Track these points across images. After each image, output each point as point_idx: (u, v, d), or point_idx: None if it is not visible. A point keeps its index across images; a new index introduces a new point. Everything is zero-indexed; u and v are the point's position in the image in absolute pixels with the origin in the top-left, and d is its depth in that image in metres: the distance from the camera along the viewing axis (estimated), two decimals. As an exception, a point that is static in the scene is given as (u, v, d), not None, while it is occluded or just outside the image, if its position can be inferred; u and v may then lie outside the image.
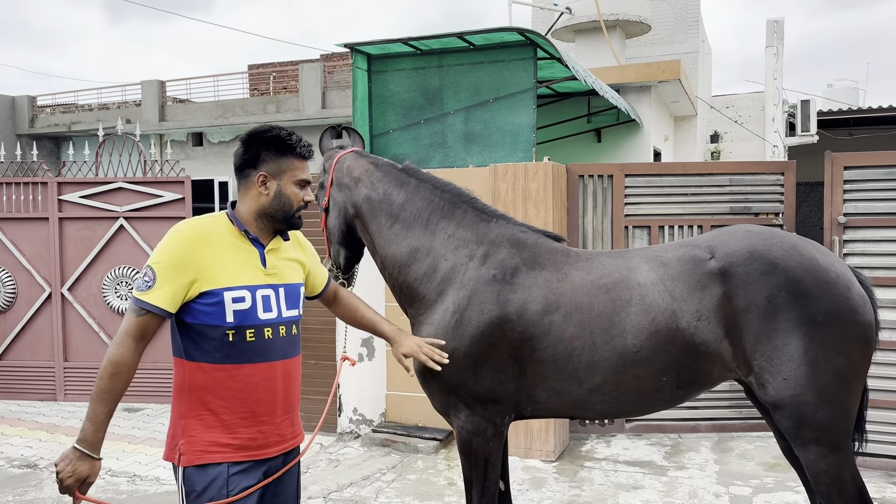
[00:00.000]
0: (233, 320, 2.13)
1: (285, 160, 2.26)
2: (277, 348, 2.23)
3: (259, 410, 2.20)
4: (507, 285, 2.74)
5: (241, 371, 2.16)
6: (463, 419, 2.76)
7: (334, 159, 3.08)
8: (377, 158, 3.08)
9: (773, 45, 13.43)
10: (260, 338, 2.18)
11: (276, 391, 2.23)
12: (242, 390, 2.16)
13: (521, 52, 5.72)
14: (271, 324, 2.21)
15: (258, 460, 2.21)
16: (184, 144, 20.05)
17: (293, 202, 2.27)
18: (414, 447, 5.33)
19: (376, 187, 2.93)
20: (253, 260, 2.23)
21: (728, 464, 5.02)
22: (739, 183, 5.62)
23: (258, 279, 2.21)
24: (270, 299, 2.22)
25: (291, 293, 2.31)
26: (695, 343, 2.62)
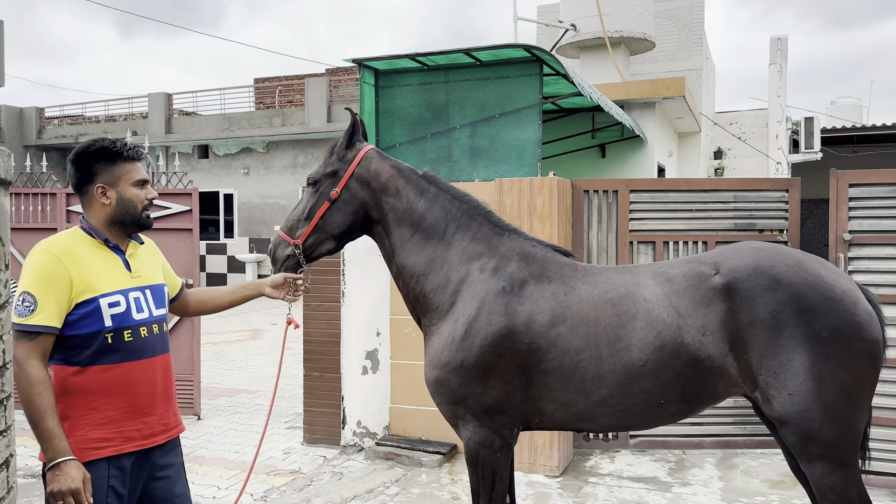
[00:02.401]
0: (111, 324, 2.30)
1: (117, 167, 2.40)
2: (153, 345, 2.42)
3: (141, 404, 2.37)
4: (515, 297, 2.77)
5: (122, 369, 2.32)
6: (471, 430, 2.78)
7: (360, 152, 3.00)
8: (398, 163, 3.07)
9: (777, 62, 13.52)
10: (137, 337, 2.36)
11: (155, 384, 2.42)
12: (125, 387, 2.33)
13: (526, 69, 5.78)
14: (145, 323, 2.39)
15: (147, 449, 2.38)
16: (189, 157, 20.17)
17: (137, 203, 2.42)
18: (418, 461, 5.33)
19: (401, 196, 2.95)
20: (118, 265, 2.39)
21: (732, 480, 5.01)
22: (744, 199, 5.64)
23: (127, 283, 2.38)
24: (141, 300, 2.40)
25: (157, 293, 2.49)
26: (700, 358, 2.64)
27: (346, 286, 5.77)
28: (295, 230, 2.98)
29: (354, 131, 3.01)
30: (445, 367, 2.77)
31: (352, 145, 3.02)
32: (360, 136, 3.05)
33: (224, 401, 7.45)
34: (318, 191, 2.98)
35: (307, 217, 2.97)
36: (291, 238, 2.97)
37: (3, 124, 20.99)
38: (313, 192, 2.99)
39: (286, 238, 2.98)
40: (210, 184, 19.74)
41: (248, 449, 5.80)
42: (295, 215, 3.02)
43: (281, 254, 2.99)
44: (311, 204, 2.98)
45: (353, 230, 3.03)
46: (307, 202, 3.00)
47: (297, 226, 2.98)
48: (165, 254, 7.25)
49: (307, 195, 3.02)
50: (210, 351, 10.36)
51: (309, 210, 2.97)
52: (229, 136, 19.22)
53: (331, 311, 5.85)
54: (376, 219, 3.00)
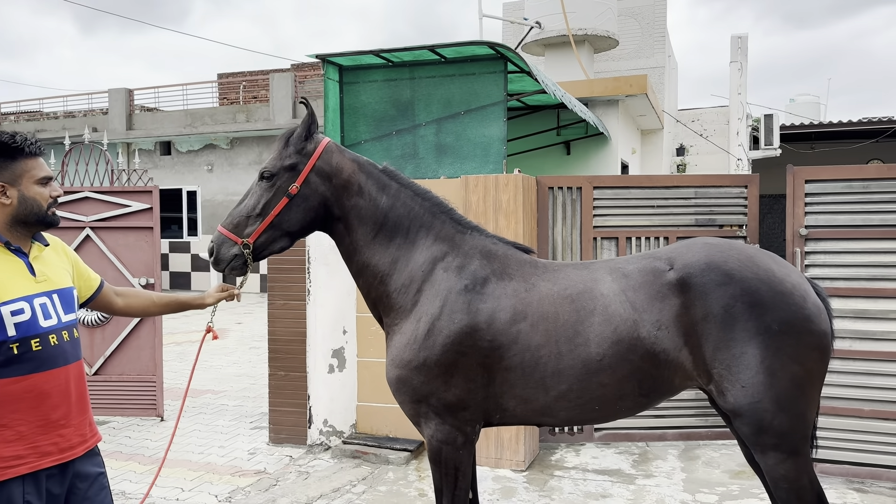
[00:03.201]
0: (15, 333, 2.17)
1: (17, 164, 2.26)
2: (64, 353, 2.30)
3: (55, 416, 2.25)
4: (477, 295, 2.79)
5: (32, 380, 2.19)
6: (433, 428, 2.79)
7: (320, 144, 2.88)
8: (358, 156, 3.00)
9: (738, 60, 13.77)
10: (46, 346, 2.23)
11: (69, 394, 2.30)
12: (35, 399, 2.20)
13: (491, 66, 5.80)
14: (54, 330, 2.26)
15: (65, 463, 2.27)
16: (151, 153, 19.81)
17: (41, 202, 2.29)
18: (385, 458, 5.32)
19: (364, 192, 2.89)
20: (20, 270, 2.26)
21: (694, 472, 5.10)
22: (704, 196, 5.74)
23: (31, 288, 2.25)
24: (48, 306, 2.27)
25: (65, 297, 2.36)
26: (655, 352, 2.69)
27: (312, 284, 5.73)
28: (242, 227, 2.82)
29: (312, 121, 2.89)
30: (408, 366, 2.77)
31: (310, 136, 2.90)
32: (316, 126, 2.95)
33: (188, 402, 7.34)
34: (275, 185, 2.83)
35: (260, 214, 2.82)
36: (238, 236, 2.81)
37: (-45, 120, 20.37)
38: (268, 186, 2.84)
39: (231, 236, 2.82)
40: (173, 181, 19.41)
41: (212, 450, 5.73)
42: (242, 211, 2.85)
43: (226, 253, 2.82)
44: (266, 200, 2.82)
45: (311, 227, 2.94)
46: (260, 197, 2.84)
47: (246, 223, 2.82)
48: (125, 253, 7.08)
49: (260, 190, 2.85)
50: (174, 351, 10.21)
51: (263, 206, 2.82)
52: (192, 133, 18.92)
53: (296, 310, 5.81)
54: (337, 216, 2.93)
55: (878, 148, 15.90)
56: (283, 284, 5.83)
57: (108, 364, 6.62)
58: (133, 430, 6.30)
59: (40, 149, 2.31)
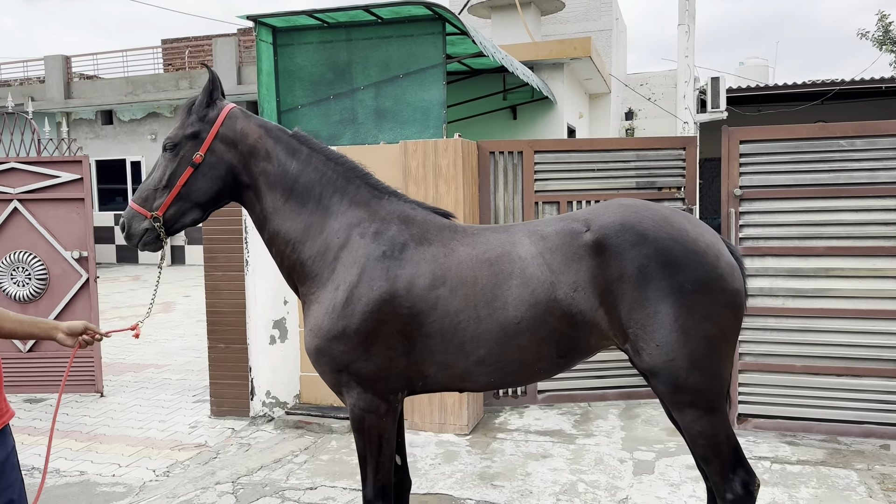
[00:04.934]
0: None
1: None
2: None
3: None
4: (395, 261, 2.74)
5: None
6: (355, 397, 2.75)
7: (223, 110, 2.81)
8: (265, 122, 2.91)
9: (685, 22, 13.76)
10: None
11: None
12: None
13: (429, 27, 5.67)
14: None
15: None
16: (93, 123, 19.13)
17: None
18: (328, 427, 5.29)
19: (272, 158, 2.81)
20: None
21: (633, 430, 5.20)
22: (645, 158, 5.76)
23: None
24: None
25: None
26: (572, 313, 2.68)
27: (250, 255, 5.60)
28: (151, 201, 2.76)
29: (214, 87, 2.81)
30: (326, 336, 2.72)
31: (212, 103, 2.82)
32: (220, 93, 2.86)
33: (129, 376, 7.19)
34: (178, 155, 2.76)
35: (167, 185, 2.75)
36: (147, 210, 2.75)
37: None
38: (172, 157, 2.77)
39: (141, 210, 2.76)
40: (116, 151, 18.81)
41: (152, 425, 5.63)
42: (150, 184, 2.78)
43: (137, 227, 2.77)
44: (171, 170, 2.76)
45: (220, 197, 2.86)
46: (165, 169, 2.77)
47: (154, 196, 2.76)
48: (56, 225, 6.82)
49: (164, 161, 2.79)
50: (118, 325, 9.96)
51: (169, 177, 2.76)
52: (134, 101, 18.30)
53: (235, 281, 5.68)
54: (246, 183, 2.85)
55: (823, 110, 16.20)
56: (220, 255, 5.70)
57: (42, 341, 6.41)
58: (71, 406, 6.15)
59: None
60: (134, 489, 4.37)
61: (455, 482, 4.33)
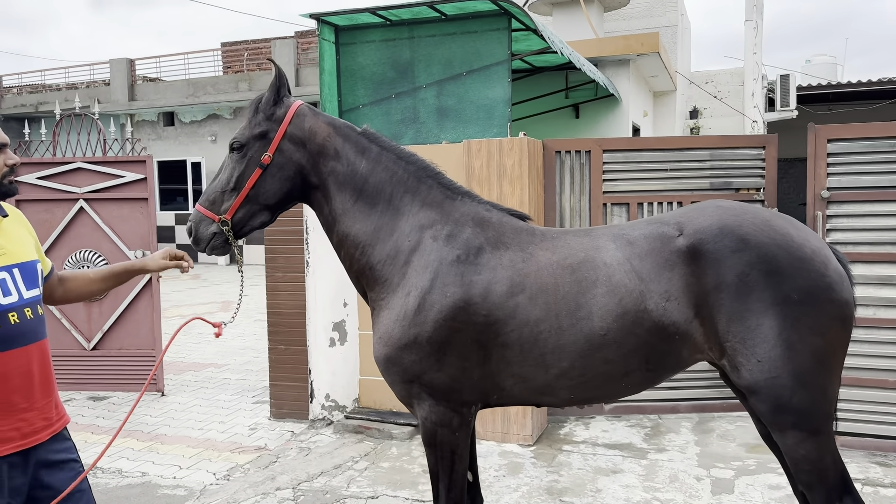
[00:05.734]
0: None
1: None
2: (26, 332, 2.14)
3: (16, 399, 2.11)
4: (471, 266, 2.58)
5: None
6: (427, 409, 2.60)
7: (290, 108, 2.68)
8: (334, 119, 2.78)
9: (753, 18, 13.28)
10: (5, 324, 2.09)
11: (31, 376, 2.16)
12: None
13: (494, 23, 5.49)
14: (14, 308, 2.11)
15: (28, 450, 2.14)
16: (155, 124, 19.59)
17: None
18: (388, 433, 5.17)
19: (341, 157, 2.68)
20: None
21: (709, 445, 4.92)
22: (720, 158, 5.47)
23: None
24: (7, 282, 2.12)
25: (28, 272, 2.20)
26: (663, 325, 2.49)
27: (311, 256, 5.53)
28: (219, 204, 2.66)
29: (281, 84, 2.69)
30: (397, 344, 2.57)
31: (280, 101, 2.69)
32: (287, 90, 2.73)
33: (190, 376, 7.23)
34: (246, 156, 2.65)
35: (234, 188, 2.65)
36: (215, 213, 2.66)
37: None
38: (239, 158, 2.66)
39: (208, 214, 2.66)
40: (177, 152, 19.22)
41: (212, 426, 5.61)
42: (217, 187, 2.68)
43: (205, 232, 2.67)
44: (239, 172, 2.65)
45: (289, 198, 2.74)
46: (233, 170, 2.66)
47: (222, 198, 2.66)
48: (120, 225, 6.90)
49: (232, 162, 2.68)
50: (179, 323, 10.08)
51: (237, 179, 2.65)
52: (195, 103, 18.65)
53: (295, 282, 5.62)
54: (315, 184, 2.72)
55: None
56: (281, 256, 5.65)
57: (106, 339, 6.49)
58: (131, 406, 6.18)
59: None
60: (195, 492, 4.32)
61: (521, 496, 4.14)
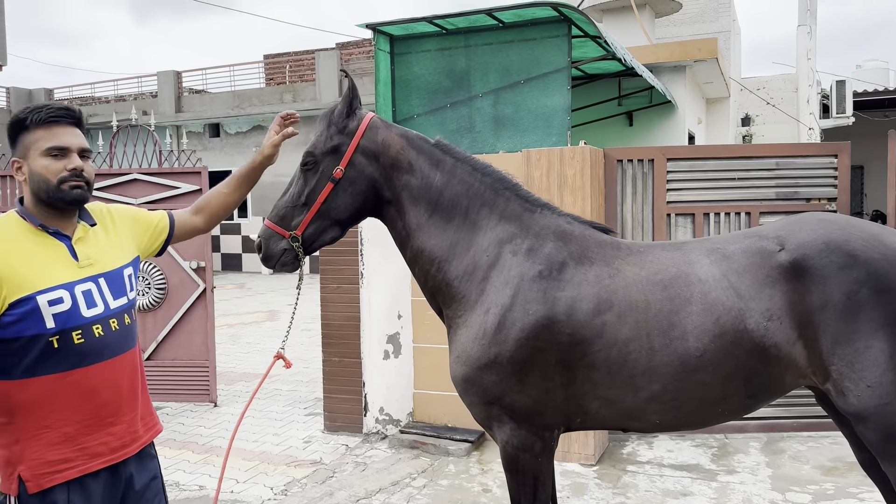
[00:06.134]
0: (54, 325, 1.93)
1: (28, 135, 2.02)
2: (111, 345, 2.05)
3: (104, 413, 2.03)
4: (554, 282, 2.45)
5: (76, 376, 1.97)
6: (508, 433, 2.48)
7: (364, 120, 2.58)
8: (406, 131, 2.68)
9: (807, 23, 12.93)
10: (90, 338, 1.99)
11: (119, 389, 2.07)
12: (83, 396, 1.99)
13: (554, 29, 5.38)
14: (99, 320, 2.02)
15: (116, 465, 2.06)
16: (201, 136, 19.90)
17: (46, 175, 2.00)
18: (444, 449, 5.06)
19: (415, 170, 2.58)
20: (61, 255, 2.01)
21: (781, 467, 4.69)
22: (787, 166, 5.26)
23: (73, 274, 2.00)
24: (92, 293, 2.02)
25: (115, 280, 2.10)
26: (764, 346, 2.35)
27: (365, 267, 5.47)
28: (289, 219, 2.57)
29: (353, 96, 2.58)
30: (476, 364, 2.45)
31: (352, 113, 2.58)
32: (359, 102, 2.64)
33: (241, 386, 7.23)
34: (318, 171, 2.56)
35: (306, 202, 2.56)
36: (285, 229, 2.57)
37: (11, 106, 20.78)
38: (311, 172, 2.57)
39: (278, 229, 2.57)
40: (222, 163, 19.46)
41: (266, 438, 5.56)
42: (287, 202, 2.59)
43: (275, 248, 2.58)
44: (311, 187, 2.56)
45: (361, 213, 2.65)
46: (303, 185, 2.58)
47: (293, 214, 2.57)
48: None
49: (303, 177, 2.59)
50: (226, 333, 10.16)
51: (308, 194, 2.56)
52: (240, 114, 18.90)
53: (349, 294, 5.56)
54: (388, 198, 2.62)
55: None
56: (335, 267, 5.59)
57: (160, 349, 6.51)
58: (186, 416, 6.19)
59: (52, 116, 2.02)
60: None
61: (589, 519, 3.99)
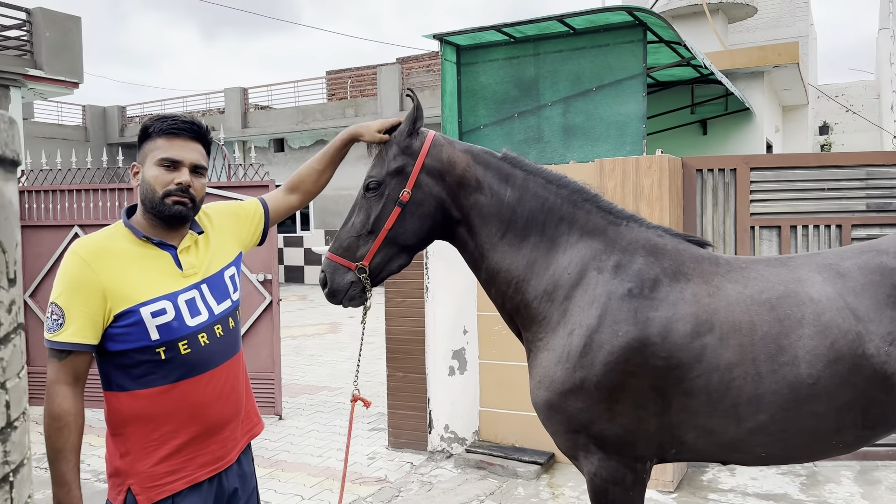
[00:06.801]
0: (159, 337, 1.90)
1: (149, 143, 2.00)
2: (217, 352, 2.00)
3: (213, 422, 1.99)
4: (646, 301, 2.26)
5: (184, 387, 1.95)
6: (596, 464, 2.29)
7: (427, 139, 2.41)
8: (470, 146, 2.51)
9: (889, 27, 12.29)
10: (196, 347, 1.96)
11: (227, 397, 2.05)
12: (191, 407, 1.96)
13: (628, 35, 5.18)
14: (204, 328, 1.97)
15: (220, 473, 2.04)
16: (265, 150, 20.30)
17: (154, 185, 1.95)
18: (513, 471, 4.87)
19: (483, 187, 2.40)
20: (165, 266, 1.97)
21: (878, 499, 4.34)
22: (881, 176, 4.90)
23: (176, 284, 1.95)
24: (196, 301, 1.97)
25: (217, 285, 2.04)
26: (886, 373, 2.11)
27: (430, 281, 5.36)
28: (354, 249, 2.38)
29: (418, 116, 2.41)
30: (560, 389, 2.27)
31: (415, 132, 2.41)
32: (422, 121, 2.46)
33: (305, 399, 7.21)
34: (383, 195, 2.38)
35: (372, 230, 2.37)
36: (350, 260, 2.38)
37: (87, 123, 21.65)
38: (375, 197, 2.38)
39: (343, 262, 2.38)
40: (286, 177, 19.67)
41: (330, 453, 5.49)
42: (351, 231, 2.40)
43: (341, 282, 2.39)
44: (377, 213, 2.37)
45: (430, 237, 2.47)
46: (368, 212, 2.39)
47: (357, 243, 2.38)
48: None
49: (366, 203, 2.40)
50: (289, 345, 10.22)
51: (374, 221, 2.37)
52: (304, 129, 19.20)
53: (414, 308, 5.46)
54: (457, 219, 2.44)
55: None
56: (399, 281, 5.50)
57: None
58: (252, 429, 6.17)
59: (177, 127, 2.00)
60: (319, 527, 4.18)
61: (671, 552, 3.74)
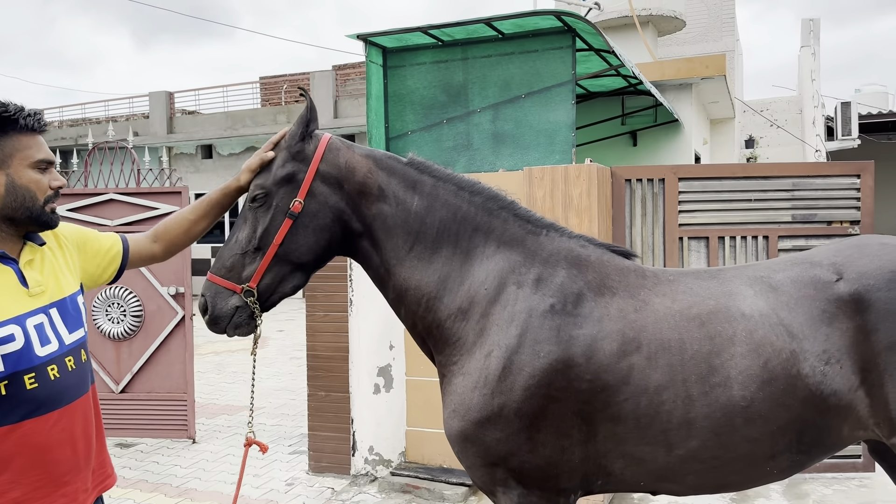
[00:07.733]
0: (3, 368, 1.62)
1: (8, 140, 1.68)
2: (69, 387, 1.73)
3: (61, 471, 1.70)
4: (569, 318, 2.07)
5: (26, 429, 1.66)
6: (516, 500, 2.08)
7: (321, 143, 2.16)
8: (372, 150, 2.26)
9: (810, 44, 12.75)
10: (44, 381, 1.67)
11: (75, 441, 1.77)
12: (35, 453, 1.68)
13: (557, 41, 5.05)
14: (55, 358, 1.69)
15: None
16: (193, 157, 19.59)
17: (35, 192, 1.69)
18: (439, 494, 4.63)
19: (387, 195, 2.16)
20: (8, 282, 1.67)
21: (807, 515, 4.29)
22: (806, 187, 4.91)
23: (22, 306, 1.66)
24: (44, 328, 1.69)
25: (68, 310, 1.77)
26: (822, 394, 1.99)
27: (355, 294, 5.08)
28: (239, 269, 2.10)
29: (312, 117, 2.15)
30: (477, 418, 2.05)
31: (308, 136, 2.15)
32: (317, 125, 2.19)
33: (223, 420, 6.79)
34: (271, 206, 2.11)
35: (259, 247, 2.10)
36: (235, 282, 2.10)
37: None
38: (262, 209, 2.11)
39: (226, 284, 2.10)
40: (215, 184, 19.03)
41: (246, 479, 5.12)
42: (235, 248, 2.12)
43: (223, 308, 2.10)
44: (264, 227, 2.10)
45: (327, 252, 2.19)
46: (254, 225, 2.11)
47: (243, 262, 2.10)
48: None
49: (253, 216, 2.12)
50: (212, 362, 9.72)
51: (261, 236, 2.10)
52: (233, 135, 18.60)
53: (337, 322, 5.16)
54: (358, 231, 2.18)
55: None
56: (322, 293, 5.20)
57: (135, 381, 6.09)
58: (162, 453, 5.75)
59: (42, 124, 1.72)
60: (225, 564, 3.83)
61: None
